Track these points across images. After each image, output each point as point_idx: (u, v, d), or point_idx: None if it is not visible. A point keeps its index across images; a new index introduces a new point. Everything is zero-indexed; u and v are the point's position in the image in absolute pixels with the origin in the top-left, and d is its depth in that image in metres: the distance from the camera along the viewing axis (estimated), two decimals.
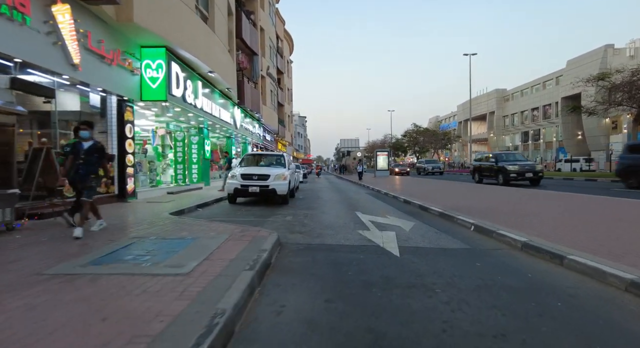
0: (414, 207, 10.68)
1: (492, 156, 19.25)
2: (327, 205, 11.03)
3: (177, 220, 6.74)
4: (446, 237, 6.19)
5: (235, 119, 18.80)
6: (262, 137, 27.70)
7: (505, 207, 9.12)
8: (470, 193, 12.73)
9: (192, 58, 11.35)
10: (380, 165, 35.19)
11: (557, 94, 57.37)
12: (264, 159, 12.28)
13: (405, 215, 9.00)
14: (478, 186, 16.82)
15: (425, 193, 13.49)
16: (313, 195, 14.81)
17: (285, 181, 10.71)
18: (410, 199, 11.58)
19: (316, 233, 6.31)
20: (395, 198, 13.13)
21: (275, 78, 31.32)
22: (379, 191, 16.76)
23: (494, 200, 10.55)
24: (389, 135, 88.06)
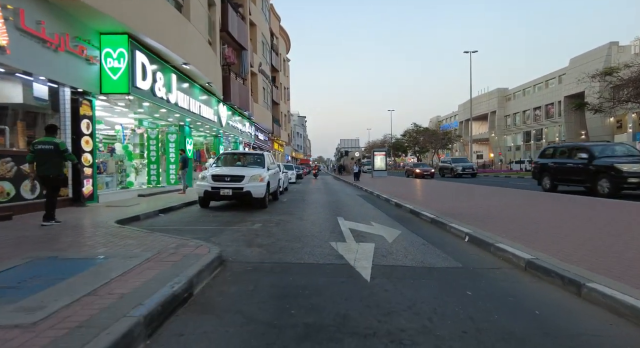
0: (404, 211, 9.63)
1: (582, 148, 12.46)
2: (310, 210, 9.98)
3: (116, 231, 5.69)
4: (434, 251, 5.13)
5: (221, 116, 17.77)
6: (253, 136, 26.66)
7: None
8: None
9: (161, 48, 10.33)
10: (377, 166, 34.11)
11: (560, 92, 56.19)
12: (242, 158, 11.23)
13: (392, 221, 7.94)
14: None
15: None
16: (299, 198, 13.76)
17: (262, 183, 9.66)
18: (402, 202, 10.53)
19: (278, 247, 5.25)
20: (387, 202, 12.08)
21: (269, 75, 30.30)
22: (371, 193, 15.70)
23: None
24: (388, 135, 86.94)
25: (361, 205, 11.43)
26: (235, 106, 19.62)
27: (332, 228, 6.96)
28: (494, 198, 11.07)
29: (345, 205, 11.34)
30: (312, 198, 13.61)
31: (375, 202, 12.48)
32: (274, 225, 7.25)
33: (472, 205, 9.38)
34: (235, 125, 21.14)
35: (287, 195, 15.29)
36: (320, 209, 10.10)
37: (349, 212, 9.42)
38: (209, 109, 15.92)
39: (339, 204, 11.49)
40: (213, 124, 16.60)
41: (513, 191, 13.92)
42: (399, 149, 77.41)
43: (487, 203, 9.75)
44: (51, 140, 6.14)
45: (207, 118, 15.61)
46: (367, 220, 8.07)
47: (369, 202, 12.20)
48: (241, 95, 20.34)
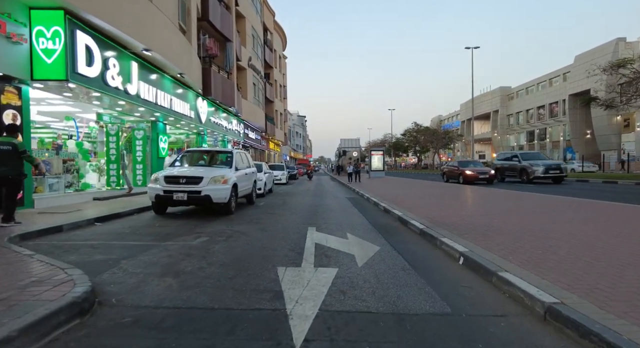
0: (392, 219, 8.21)
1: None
2: (282, 216, 8.57)
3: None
4: (416, 282, 3.73)
5: (200, 112, 16.39)
6: (242, 134, 25.27)
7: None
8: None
9: (112, 30, 8.94)
10: (375, 166, 32.66)
11: (565, 90, 54.57)
12: (206, 157, 9.82)
13: (374, 232, 6.54)
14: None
15: None
16: (279, 202, 12.35)
17: (225, 186, 8.26)
18: (391, 207, 9.11)
19: (200, 278, 3.84)
20: (375, 205, 10.68)
21: (260, 71, 28.91)
22: (362, 195, 14.29)
23: None
24: (389, 134, 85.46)
25: (345, 210, 10.02)
26: (217, 101, 18.22)
27: (295, 243, 5.56)
28: (497, 201, 9.66)
29: (327, 210, 9.93)
30: (294, 202, 12.20)
31: (363, 206, 11.08)
32: (223, 239, 5.83)
33: (466, 212, 7.95)
34: (219, 122, 19.73)
35: (269, 198, 13.89)
36: (295, 216, 8.70)
37: (328, 220, 8.01)
38: (184, 103, 14.54)
39: (320, 209, 10.09)
40: (189, 120, 15.21)
41: (519, 194, 12.49)
42: (399, 149, 75.88)
43: (489, 208, 8.33)
44: (9, 141, 6.15)
45: (182, 113, 14.22)
46: (344, 230, 6.67)
47: (356, 207, 10.79)
48: (225, 89, 18.95)
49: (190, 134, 19.72)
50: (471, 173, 19.88)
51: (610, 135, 46.31)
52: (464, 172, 20.11)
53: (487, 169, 20.54)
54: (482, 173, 19.80)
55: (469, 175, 19.82)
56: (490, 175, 19.63)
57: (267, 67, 36.41)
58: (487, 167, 21.44)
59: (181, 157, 9.64)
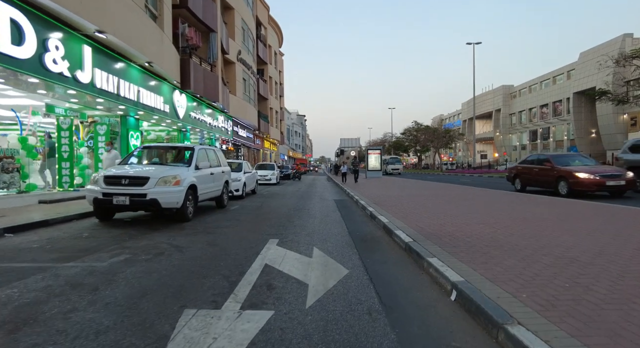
0: (376, 227, 6.88)
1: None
2: (248, 224, 7.28)
3: None
4: (382, 338, 2.41)
5: (177, 106, 15.07)
6: (231, 132, 23.95)
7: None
8: None
9: (52, 5, 7.64)
10: (372, 165, 31.34)
11: (569, 88, 53.07)
12: (162, 154, 8.50)
13: (349, 247, 5.24)
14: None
15: None
16: (256, 204, 11.06)
17: (178, 188, 6.94)
18: (377, 213, 7.79)
19: (45, 336, 2.53)
20: (363, 209, 9.37)
21: (251, 66, 27.58)
22: (352, 197, 12.99)
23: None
24: (388, 133, 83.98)
25: (326, 215, 8.70)
26: (198, 95, 16.91)
27: (238, 264, 4.25)
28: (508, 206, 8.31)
29: (305, 215, 8.61)
30: (273, 205, 10.89)
31: (348, 210, 9.77)
32: (148, 258, 4.52)
33: (469, 220, 6.61)
34: (202, 118, 18.40)
35: (249, 200, 12.58)
36: (264, 223, 7.39)
37: (300, 228, 6.71)
38: (157, 96, 13.22)
39: (298, 214, 8.78)
40: (163, 115, 13.89)
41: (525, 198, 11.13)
42: (399, 148, 74.33)
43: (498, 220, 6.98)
44: None
45: (153, 107, 12.90)
46: (313, 243, 5.38)
47: (340, 211, 9.48)
48: (207, 83, 17.63)
49: (171, 131, 18.42)
50: (587, 177, 10.94)
51: (616, 134, 44.81)
52: (571, 174, 11.29)
53: (617, 170, 11.50)
54: (611, 176, 10.95)
55: (585, 180, 10.97)
56: (627, 181, 10.95)
57: (260, 62, 35.10)
58: (619, 170, 11.66)
59: (135, 154, 8.31)
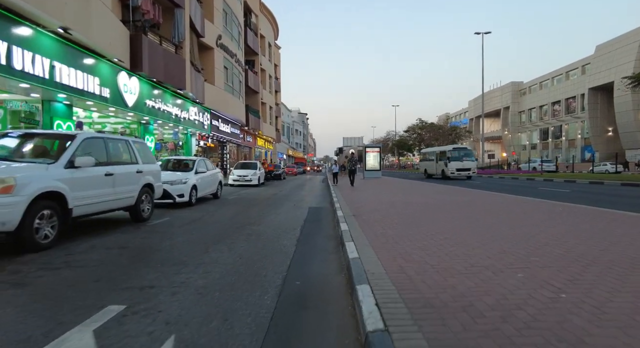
0: (337, 266, 4.06)
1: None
2: (123, 258, 4.53)
3: None
4: None
5: (122, 90, 12.35)
6: (208, 127, 21.22)
7: None
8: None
9: None
10: (370, 165, 28.47)
11: (584, 84, 49.80)
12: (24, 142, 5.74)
13: (257, 331, 2.38)
14: None
15: None
16: (196, 215, 8.32)
17: (9, 198, 4.20)
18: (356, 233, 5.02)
19: None
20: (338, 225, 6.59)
21: (235, 54, 24.81)
22: (334, 204, 10.24)
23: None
24: (392, 132, 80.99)
25: (278, 237, 5.94)
26: (155, 79, 14.18)
27: None
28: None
29: (243, 238, 5.86)
30: (216, 218, 8.13)
31: (318, 225, 7.00)
32: None
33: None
34: (165, 109, 15.67)
35: (195, 208, 9.85)
36: (150, 259, 4.64)
37: (202, 272, 3.94)
38: (89, 76, 10.53)
39: (234, 236, 6.03)
40: (101, 101, 11.20)
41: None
42: (403, 147, 71.28)
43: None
44: None
45: (82, 89, 10.20)
46: (181, 321, 2.59)
47: (305, 227, 6.73)
48: (170, 66, 14.92)
49: (130, 124, 15.74)
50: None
51: (636, 132, 41.56)
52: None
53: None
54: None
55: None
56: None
57: (251, 53, 32.38)
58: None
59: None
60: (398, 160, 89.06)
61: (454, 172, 25.58)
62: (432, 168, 29.33)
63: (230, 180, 19.56)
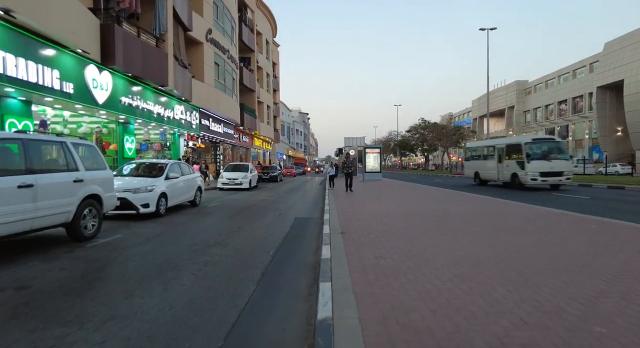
0: (301, 321, 2.75)
1: None
2: None
3: None
4: None
5: (91, 86, 11.10)
6: (197, 126, 19.94)
7: None
8: None
9: None
10: (370, 166, 27.14)
11: (592, 83, 48.25)
12: None
13: None
14: None
15: None
16: (156, 232, 7.04)
17: None
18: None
19: None
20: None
21: (228, 50, 23.52)
22: (325, 213, 8.96)
23: None
24: (394, 132, 79.58)
25: (240, 266, 4.64)
26: (130, 74, 12.90)
27: None
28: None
29: (185, 275, 4.57)
30: (174, 238, 6.84)
31: (297, 245, 5.70)
32: None
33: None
34: (145, 107, 14.39)
35: (162, 221, 8.59)
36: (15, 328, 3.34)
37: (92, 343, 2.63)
38: (47, 68, 9.27)
39: (180, 267, 4.75)
40: (64, 97, 9.94)
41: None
42: (406, 148, 69.83)
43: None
44: None
45: (35, 83, 8.94)
46: None
47: (282, 248, 5.44)
48: (149, 61, 13.66)
49: (109, 123, 14.48)
50: None
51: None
52: None
53: None
54: None
55: None
56: None
57: (246, 50, 31.11)
58: None
59: None
60: (400, 161, 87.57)
61: (536, 177, 16.43)
62: (489, 170, 20.23)
63: (220, 183, 18.28)
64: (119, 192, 8.09)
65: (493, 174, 19.77)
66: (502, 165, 18.83)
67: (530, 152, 16.80)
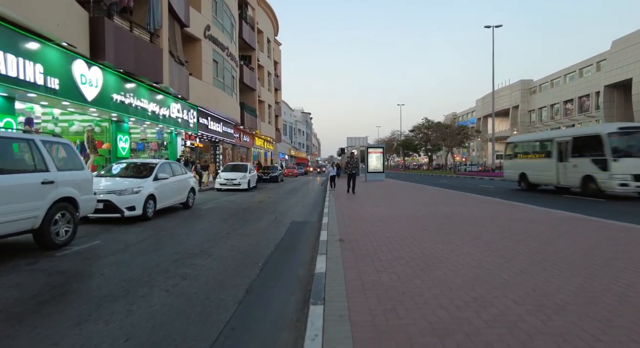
0: None
1: None
2: None
3: None
4: None
5: (79, 82, 10.57)
6: (194, 125, 19.39)
7: None
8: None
9: None
10: (372, 166, 26.48)
11: (599, 81, 47.41)
12: None
13: None
14: None
15: None
16: (136, 239, 6.47)
17: None
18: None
19: None
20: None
21: (227, 47, 22.96)
22: (323, 217, 8.36)
23: None
24: (397, 131, 78.81)
25: (217, 287, 4.06)
26: (121, 70, 12.34)
27: None
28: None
29: (165, 290, 3.99)
30: (158, 243, 6.28)
31: (288, 257, 5.11)
32: None
33: None
34: (139, 105, 13.84)
35: (153, 224, 8.04)
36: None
37: None
38: (29, 62, 8.72)
39: (153, 288, 4.17)
40: (48, 93, 9.40)
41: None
42: (409, 148, 69.02)
43: None
44: None
45: (14, 78, 8.35)
46: None
47: (271, 260, 4.85)
48: (143, 56, 13.11)
49: (102, 121, 13.95)
50: None
51: None
52: None
53: None
54: None
55: None
56: None
57: (247, 48, 30.56)
58: None
59: None
60: (404, 161, 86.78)
61: (627, 182, 12.02)
62: (543, 171, 15.94)
63: (217, 184, 17.73)
64: (102, 193, 7.55)
65: (549, 176, 15.48)
66: (564, 164, 14.59)
67: (618, 146, 12.45)
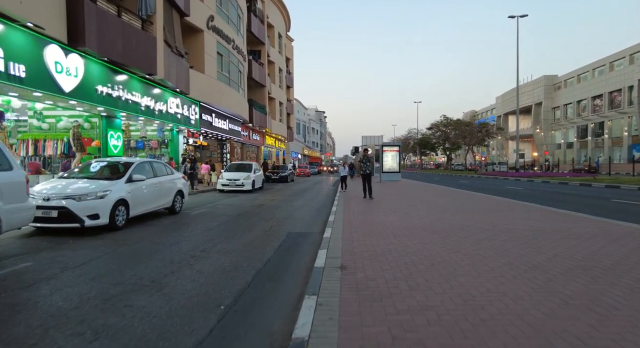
0: None
1: None
2: None
3: None
4: None
5: (53, 71, 9.35)
6: (196, 122, 18.13)
7: None
8: None
9: None
10: (388, 166, 24.83)
11: (632, 75, 44.30)
12: None
13: None
14: None
15: None
16: (95, 254, 5.10)
17: None
18: None
19: None
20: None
21: (233, 40, 21.67)
22: (327, 229, 6.89)
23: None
24: (413, 129, 76.47)
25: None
26: (106, 58, 11.10)
27: None
28: None
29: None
30: (105, 268, 4.89)
31: (270, 294, 3.60)
32: None
33: None
34: (131, 98, 12.61)
35: (121, 235, 6.70)
36: None
37: None
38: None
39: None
40: (10, 82, 8.20)
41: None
42: (426, 146, 66.76)
43: None
44: None
45: None
46: None
47: (223, 320, 3.35)
48: (132, 45, 11.86)
49: (91, 117, 12.78)
50: None
51: None
52: None
53: None
54: None
55: None
56: None
57: (256, 42, 29.26)
58: None
59: None
60: (420, 160, 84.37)
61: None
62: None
63: (219, 185, 16.45)
64: (57, 199, 6.23)
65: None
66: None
67: None
